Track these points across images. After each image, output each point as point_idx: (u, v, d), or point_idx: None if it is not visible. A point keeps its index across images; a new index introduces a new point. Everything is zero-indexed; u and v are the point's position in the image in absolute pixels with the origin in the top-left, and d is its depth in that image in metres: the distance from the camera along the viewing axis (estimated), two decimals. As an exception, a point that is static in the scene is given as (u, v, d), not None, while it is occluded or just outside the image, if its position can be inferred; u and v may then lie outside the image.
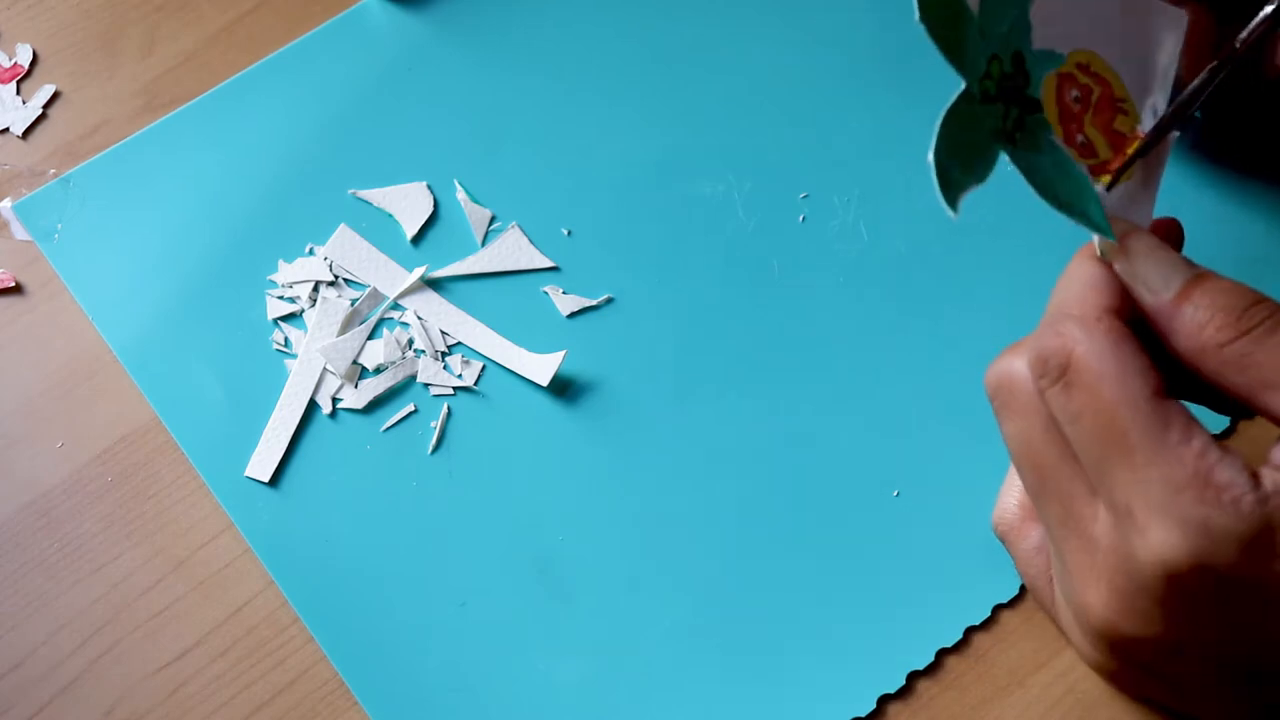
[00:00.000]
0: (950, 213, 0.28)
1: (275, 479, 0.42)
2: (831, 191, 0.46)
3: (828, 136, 0.46)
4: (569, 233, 0.46)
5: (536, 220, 0.46)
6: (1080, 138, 0.33)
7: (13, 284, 0.46)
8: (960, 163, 0.29)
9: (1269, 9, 0.32)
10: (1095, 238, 0.33)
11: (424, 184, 0.46)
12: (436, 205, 0.46)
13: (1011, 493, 0.38)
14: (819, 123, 0.47)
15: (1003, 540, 0.38)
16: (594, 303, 0.45)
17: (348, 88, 0.48)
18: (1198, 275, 0.31)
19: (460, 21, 0.49)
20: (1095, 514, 0.31)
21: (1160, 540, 0.29)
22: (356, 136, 0.47)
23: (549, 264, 0.45)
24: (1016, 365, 0.33)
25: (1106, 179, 0.33)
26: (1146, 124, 0.34)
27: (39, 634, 0.41)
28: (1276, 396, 0.30)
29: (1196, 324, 0.31)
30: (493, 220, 0.46)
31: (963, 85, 0.30)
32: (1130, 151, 0.34)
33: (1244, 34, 0.32)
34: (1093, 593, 0.32)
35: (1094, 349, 0.31)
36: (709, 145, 0.47)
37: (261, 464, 0.42)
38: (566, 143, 0.47)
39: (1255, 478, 0.29)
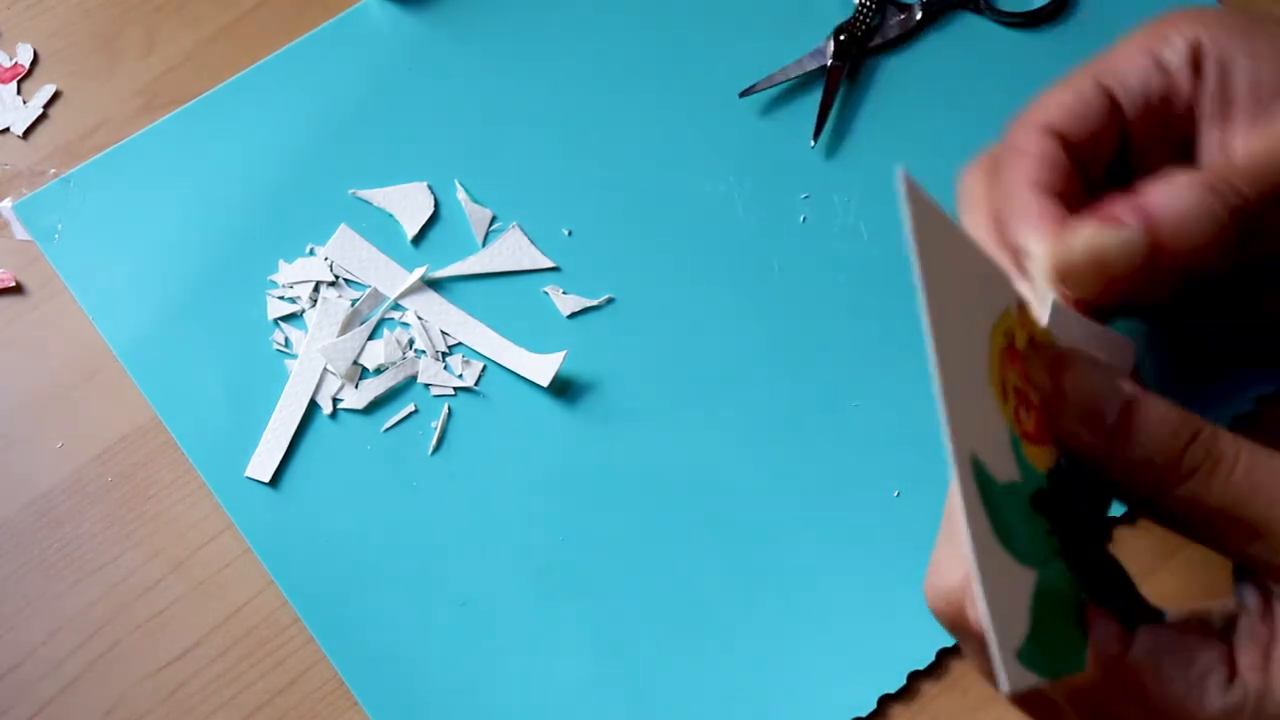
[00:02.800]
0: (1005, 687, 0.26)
1: (275, 479, 0.42)
2: (831, 191, 0.46)
3: (828, 136, 0.46)
4: (569, 233, 0.46)
5: (536, 220, 0.46)
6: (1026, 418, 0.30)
7: (13, 284, 0.46)
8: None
9: None
10: (1040, 305, 0.30)
11: (424, 184, 0.46)
12: (436, 205, 0.46)
13: (949, 571, 0.34)
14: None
15: (939, 620, 0.35)
16: (594, 303, 0.45)
17: (348, 88, 0.48)
18: (1125, 406, 0.29)
19: (460, 21, 0.49)
20: None
21: None
22: (356, 136, 0.47)
23: (549, 264, 0.45)
24: (951, 602, 0.31)
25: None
26: (1011, 300, 0.30)
27: (39, 634, 0.41)
28: (1235, 538, 0.29)
29: (1140, 467, 0.29)
30: (493, 220, 0.46)
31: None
32: (1040, 342, 0.31)
33: None
34: None
35: None
36: (709, 145, 0.47)
37: (261, 464, 0.42)
38: (567, 143, 0.47)
39: (1243, 690, 0.28)
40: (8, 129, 0.48)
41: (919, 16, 0.47)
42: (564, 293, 0.45)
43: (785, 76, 0.47)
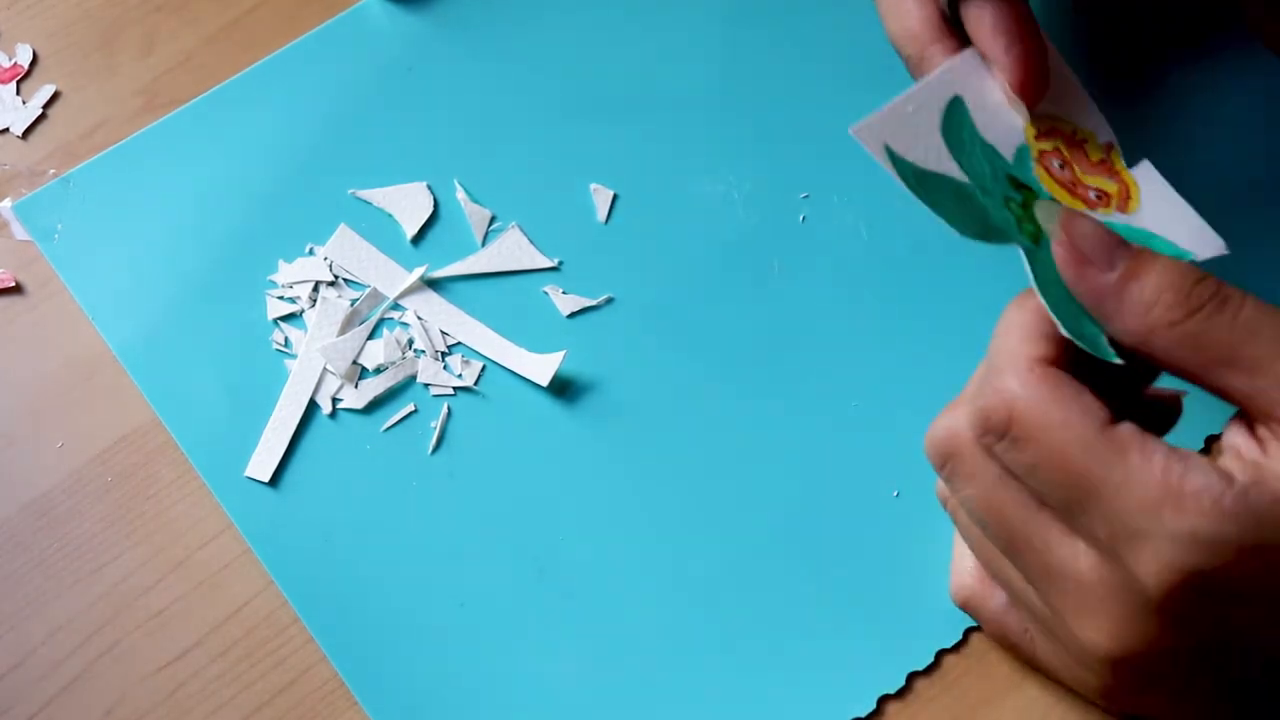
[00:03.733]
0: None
1: (275, 479, 0.42)
2: (831, 191, 0.46)
3: (828, 136, 0.46)
4: (569, 233, 0.46)
5: (536, 220, 0.46)
6: (1091, 193, 0.34)
7: (13, 284, 0.46)
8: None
9: None
10: (1042, 216, 0.33)
11: (424, 184, 0.46)
12: (436, 205, 0.46)
13: (963, 563, 0.38)
14: (820, 122, 0.47)
15: (967, 609, 0.38)
16: (594, 303, 0.45)
17: (348, 88, 0.48)
18: (1138, 254, 0.31)
19: (460, 21, 0.49)
20: (1075, 553, 0.31)
21: (1154, 562, 0.29)
22: (356, 136, 0.47)
23: (549, 264, 0.45)
24: (958, 427, 0.33)
25: (1134, 205, 0.34)
26: (1102, 131, 0.36)
27: (39, 634, 0.41)
28: (1229, 374, 0.30)
29: (1143, 305, 0.31)
30: (493, 220, 0.46)
31: (1022, 248, 0.32)
32: (1120, 169, 0.35)
33: None
34: (1092, 628, 0.31)
35: (1033, 398, 0.30)
36: (709, 145, 0.47)
37: (261, 464, 0.42)
38: (567, 142, 0.47)
39: (1225, 474, 0.29)
40: (7, 129, 0.48)
41: None
42: (564, 293, 0.45)
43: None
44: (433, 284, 0.45)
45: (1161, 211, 0.35)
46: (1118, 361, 0.31)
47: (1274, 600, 0.29)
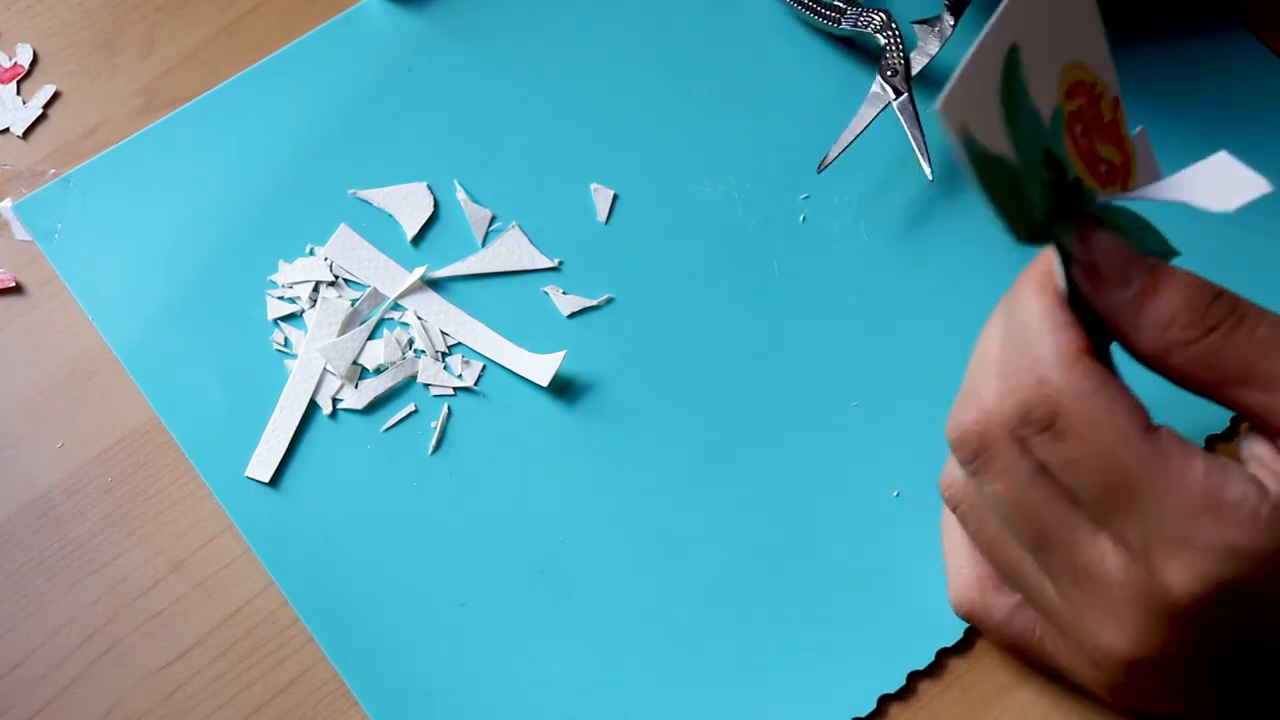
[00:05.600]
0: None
1: (275, 479, 0.42)
2: (832, 191, 0.46)
3: (829, 136, 0.46)
4: (569, 233, 0.46)
5: (536, 220, 0.46)
6: (1103, 168, 0.33)
7: (13, 284, 0.46)
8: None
9: None
10: (1051, 251, 0.32)
11: (424, 184, 0.46)
12: (436, 205, 0.46)
13: (960, 575, 0.38)
14: (820, 123, 0.47)
15: (970, 619, 0.38)
16: (594, 303, 0.45)
17: (348, 88, 0.48)
18: (1154, 269, 0.31)
19: (460, 21, 0.49)
20: (1103, 553, 0.31)
21: (1187, 570, 0.29)
22: (356, 136, 0.47)
23: (549, 264, 0.45)
24: (991, 419, 0.32)
25: (1133, 180, 0.33)
26: (1113, 83, 0.33)
27: (39, 634, 0.41)
28: (1246, 391, 0.30)
29: (1160, 323, 0.30)
30: (493, 220, 0.46)
31: (1053, 247, 0.31)
32: (1125, 133, 0.33)
33: None
34: (1111, 629, 0.31)
35: (1079, 393, 0.30)
36: (709, 145, 0.47)
37: (261, 464, 0.42)
38: (566, 142, 0.47)
39: (1260, 485, 0.29)
40: (7, 129, 0.48)
41: (951, 22, 0.47)
42: (564, 293, 0.45)
43: (853, 135, 0.45)
44: (433, 284, 0.45)
45: (1152, 185, 0.33)
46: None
47: None
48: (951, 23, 0.47)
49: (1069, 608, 0.33)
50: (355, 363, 0.44)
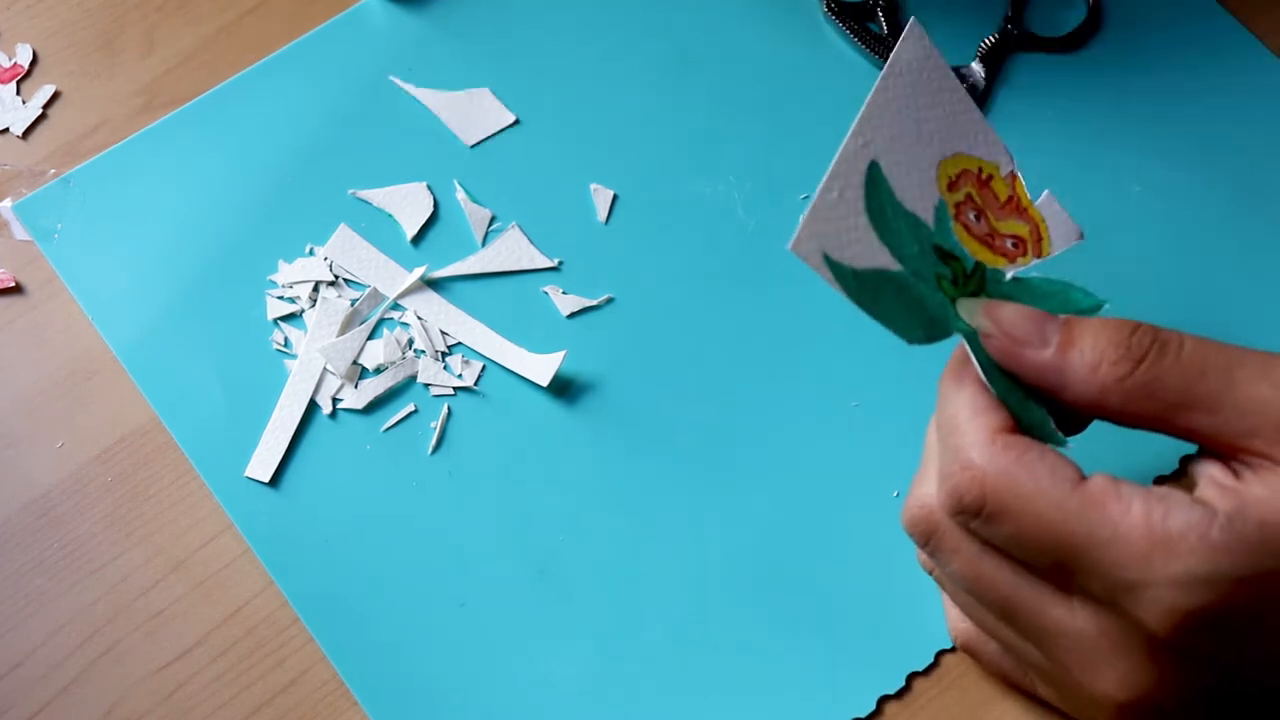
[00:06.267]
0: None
1: (275, 479, 0.42)
2: (831, 191, 0.46)
3: (829, 137, 0.46)
4: (569, 233, 0.46)
5: (536, 220, 0.46)
6: (1008, 242, 0.33)
7: (13, 284, 0.46)
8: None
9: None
10: (959, 338, 0.32)
11: (424, 184, 0.46)
12: (436, 205, 0.46)
13: (953, 605, 0.38)
14: (820, 123, 0.47)
15: (966, 651, 0.38)
16: (594, 303, 0.45)
17: (348, 88, 0.48)
18: (1066, 323, 0.31)
19: (460, 21, 0.49)
20: (1070, 612, 0.31)
21: (1157, 607, 0.29)
22: (357, 136, 0.47)
23: (549, 264, 0.45)
24: (931, 507, 0.33)
25: (1046, 246, 0.34)
26: (1003, 160, 0.34)
27: (39, 634, 0.41)
28: (1189, 415, 0.30)
29: (1088, 367, 0.31)
30: (493, 220, 0.46)
31: (963, 335, 0.32)
32: (1027, 203, 0.34)
33: None
34: (1102, 679, 0.31)
35: (1000, 471, 0.30)
36: (709, 145, 0.47)
37: (261, 464, 0.42)
38: (565, 142, 0.47)
39: (1206, 507, 0.29)
40: (7, 129, 0.48)
41: (982, 74, 0.47)
42: (564, 293, 0.45)
43: None
44: (433, 284, 0.45)
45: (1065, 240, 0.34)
46: (1068, 445, 0.31)
47: (1278, 620, 0.29)
48: (982, 74, 0.47)
49: (1053, 664, 0.33)
50: (355, 363, 0.44)
